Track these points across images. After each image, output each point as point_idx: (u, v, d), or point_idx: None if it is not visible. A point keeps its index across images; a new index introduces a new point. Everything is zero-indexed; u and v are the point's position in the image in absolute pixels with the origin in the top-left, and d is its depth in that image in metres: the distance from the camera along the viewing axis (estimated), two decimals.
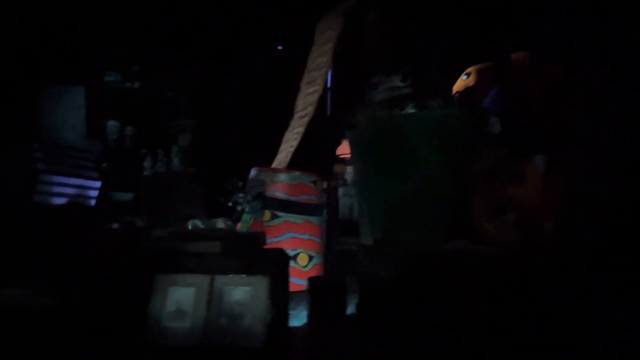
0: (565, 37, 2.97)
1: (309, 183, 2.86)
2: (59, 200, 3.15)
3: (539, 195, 1.94)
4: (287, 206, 2.73)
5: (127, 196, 4.09)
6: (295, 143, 3.99)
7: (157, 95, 4.19)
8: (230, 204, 2.84)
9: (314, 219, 2.81)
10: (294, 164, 3.91)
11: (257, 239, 1.95)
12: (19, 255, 2.73)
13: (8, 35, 3.82)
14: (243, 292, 1.77)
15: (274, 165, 4.14)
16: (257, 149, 4.87)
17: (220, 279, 1.80)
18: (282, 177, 2.82)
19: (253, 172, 3.01)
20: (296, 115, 4.34)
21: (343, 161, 3.96)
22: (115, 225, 3.52)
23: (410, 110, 2.13)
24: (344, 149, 3.98)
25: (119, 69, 4.18)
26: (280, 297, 1.84)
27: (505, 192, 1.94)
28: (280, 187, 2.80)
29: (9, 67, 3.80)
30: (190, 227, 3.37)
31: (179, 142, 4.07)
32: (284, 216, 2.73)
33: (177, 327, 1.68)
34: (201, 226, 3.45)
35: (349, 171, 3.56)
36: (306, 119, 4.09)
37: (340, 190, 3.24)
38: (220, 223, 3.58)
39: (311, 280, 1.93)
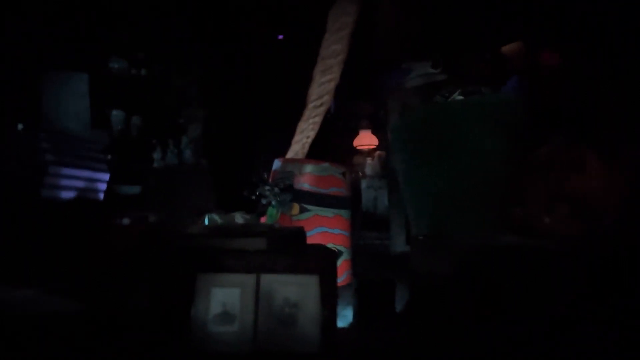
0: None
1: (338, 175, 2.72)
2: (68, 194, 2.96)
3: (600, 186, 1.84)
4: (318, 199, 2.59)
5: (133, 189, 3.90)
6: (312, 134, 3.83)
7: (164, 83, 3.98)
8: (254, 196, 2.69)
9: (344, 213, 2.68)
10: (308, 156, 3.77)
11: (301, 234, 1.82)
12: (27, 254, 2.55)
13: (10, 17, 3.58)
14: (293, 292, 1.63)
15: (288, 156, 4.00)
16: (269, 139, 4.72)
17: (267, 278, 1.65)
18: (311, 168, 2.67)
19: (278, 163, 2.86)
20: (310, 105, 4.18)
21: (361, 153, 3.84)
22: (125, 221, 3.36)
23: (458, 97, 2.00)
24: (361, 141, 3.86)
25: (124, 55, 3.96)
26: (331, 297, 1.71)
27: (564, 182, 1.84)
28: (309, 179, 2.65)
29: (10, 50, 3.57)
30: (207, 222, 3.22)
31: (189, 133, 3.88)
32: (314, 210, 2.59)
33: (224, 332, 1.54)
34: (219, 220, 3.30)
35: (369, 163, 3.43)
36: (323, 109, 3.93)
37: (363, 183, 3.11)
38: (239, 217, 3.42)
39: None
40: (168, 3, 3.99)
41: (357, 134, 4.14)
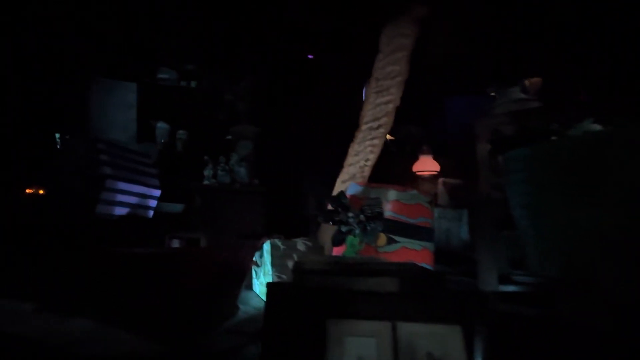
0: None
1: (425, 203, 2.51)
2: (121, 211, 2.72)
3: None
4: (406, 229, 2.37)
5: (177, 207, 3.66)
6: (371, 157, 3.64)
7: (214, 97, 3.80)
8: (331, 223, 2.46)
9: (430, 246, 2.45)
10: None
11: (440, 275, 1.58)
12: (82, 277, 2.30)
13: (60, 23, 3.43)
14: (435, 345, 1.39)
15: (341, 179, 3.80)
16: (318, 160, 4.53)
17: (404, 328, 1.41)
18: (398, 195, 2.45)
19: (356, 187, 2.64)
20: (365, 127, 4.01)
21: (422, 179, 3.63)
22: (175, 242, 3.10)
23: (590, 125, 1.82)
24: (423, 166, 3.66)
25: (174, 65, 3.80)
26: (485, 351, 1.46)
27: None
28: (395, 206, 2.44)
29: (59, 56, 3.40)
30: (270, 247, 2.98)
31: (238, 150, 3.67)
32: (402, 241, 2.36)
33: None
34: (282, 246, 3.07)
35: (441, 191, 3.22)
36: (381, 131, 3.75)
37: (435, 212, 2.88)
38: (300, 244, 3.20)
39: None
40: (222, 15, 3.86)
41: (410, 158, 3.95)
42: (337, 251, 2.62)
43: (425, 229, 2.46)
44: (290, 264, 2.97)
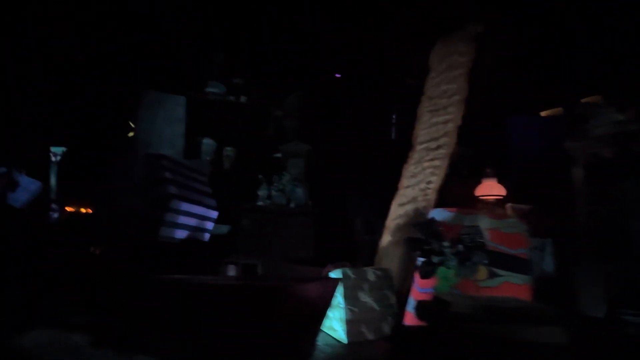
0: None
1: (524, 232, 2.31)
2: (181, 234, 2.52)
3: None
4: (508, 262, 2.16)
5: (223, 229, 3.46)
6: (434, 179, 3.43)
7: (263, 113, 3.65)
8: (420, 253, 2.25)
9: (530, 280, 2.24)
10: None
11: (615, 318, 1.37)
12: (156, 312, 2.08)
13: (108, 34, 3.31)
14: None
15: (398, 202, 3.60)
16: (363, 180, 4.35)
17: None
18: (497, 223, 2.26)
19: (443, 213, 2.43)
20: (420, 147, 3.83)
21: (486, 204, 3.42)
22: (231, 269, 2.89)
23: None
24: (488, 190, 3.46)
25: (223, 79, 3.65)
26: None
27: None
28: (495, 236, 2.23)
29: (108, 67, 3.27)
30: (340, 275, 2.76)
31: (290, 169, 3.50)
32: (505, 275, 2.15)
33: None
34: (352, 275, 2.85)
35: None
36: (443, 151, 3.55)
37: None
38: (370, 273, 2.98)
39: None
40: (270, 30, 3.75)
41: (470, 180, 3.76)
42: (424, 284, 2.40)
43: (525, 261, 2.26)
44: (362, 295, 2.76)
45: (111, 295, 2.30)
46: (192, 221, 2.58)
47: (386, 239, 3.68)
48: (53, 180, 3.65)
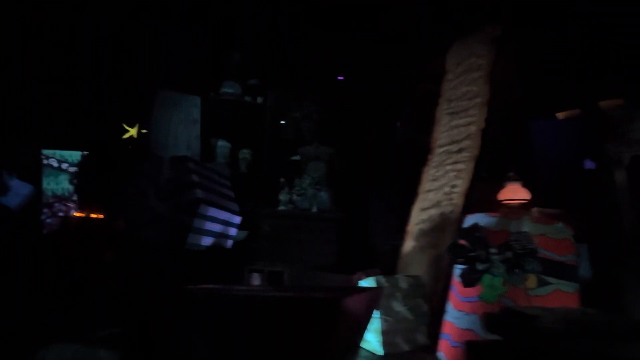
0: None
1: (571, 238, 2.24)
2: (207, 241, 2.39)
3: None
4: (558, 269, 2.08)
5: (240, 235, 3.33)
6: (459, 182, 3.34)
7: (281, 114, 3.53)
8: (462, 260, 2.16)
9: (578, 287, 2.16)
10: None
11: None
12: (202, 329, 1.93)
13: (122, 33, 3.17)
14: None
15: (420, 206, 3.51)
16: (381, 184, 4.25)
17: None
18: (544, 228, 2.18)
19: (488, 218, 2.32)
20: (440, 150, 3.75)
21: (509, 208, 3.35)
22: (256, 277, 2.77)
23: None
24: (512, 194, 3.38)
25: (238, 79, 3.53)
26: None
27: None
28: (543, 242, 2.15)
29: (122, 66, 3.12)
30: (374, 284, 2.65)
31: (310, 172, 3.38)
32: (555, 283, 2.07)
33: None
34: (385, 283, 2.74)
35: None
36: (466, 154, 3.48)
37: None
38: (402, 280, 2.88)
39: None
40: (288, 28, 3.64)
41: (491, 184, 3.70)
42: (466, 292, 2.31)
43: (574, 267, 2.18)
44: (395, 304, 2.65)
45: (137, 308, 2.16)
46: (217, 227, 2.45)
47: (409, 244, 3.59)
48: (65, 185, 3.51)
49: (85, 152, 2.87)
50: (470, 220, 2.46)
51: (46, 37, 3.45)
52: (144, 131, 4.26)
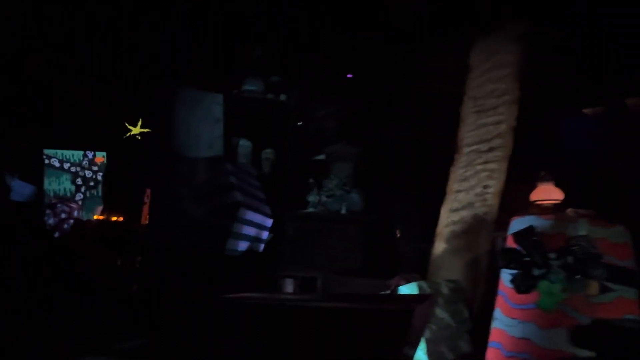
0: None
1: (630, 242, 2.15)
2: (242, 246, 2.27)
3: None
4: (621, 274, 1.99)
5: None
6: (492, 182, 3.24)
7: (306, 112, 3.42)
8: (513, 265, 2.06)
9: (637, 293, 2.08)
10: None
11: None
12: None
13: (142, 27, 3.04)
14: None
15: (449, 207, 3.42)
16: (404, 184, 4.16)
17: None
18: (605, 232, 2.09)
19: (541, 221, 2.20)
20: (468, 149, 3.65)
21: (539, 208, 3.27)
22: (289, 283, 2.66)
23: None
24: (546, 194, 3.31)
25: (261, 76, 3.41)
26: None
27: None
28: (604, 246, 2.07)
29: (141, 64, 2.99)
30: (416, 290, 2.55)
31: (337, 172, 3.27)
32: (619, 290, 1.98)
33: None
34: (427, 289, 2.64)
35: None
36: (498, 154, 3.38)
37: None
38: (444, 286, 2.78)
39: None
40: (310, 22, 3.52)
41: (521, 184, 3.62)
42: (520, 299, 2.21)
43: (635, 273, 2.09)
44: (438, 311, 2.55)
45: (170, 319, 2.04)
46: (252, 231, 2.34)
47: (440, 246, 3.49)
48: (67, 185, 3.36)
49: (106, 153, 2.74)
50: (518, 223, 2.36)
51: (48, 35, 3.33)
52: (146, 130, 4.15)
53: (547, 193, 3.65)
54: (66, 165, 6.35)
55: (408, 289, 2.53)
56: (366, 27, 4.07)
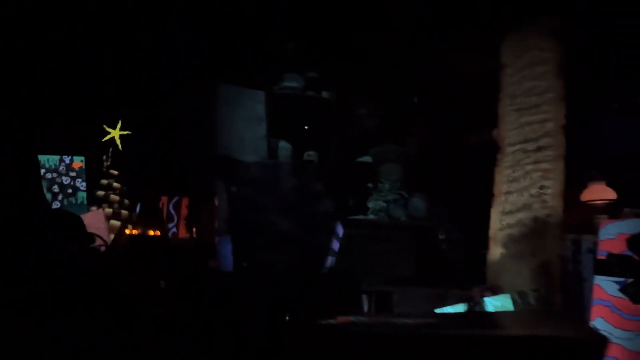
0: None
1: None
2: (329, 262, 2.00)
3: None
4: None
5: None
6: (549, 183, 3.13)
7: (348, 111, 3.17)
8: (630, 274, 1.91)
9: None
10: None
11: None
12: None
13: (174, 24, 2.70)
14: None
15: (500, 210, 3.28)
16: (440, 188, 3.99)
17: None
18: None
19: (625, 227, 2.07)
20: (512, 149, 3.54)
21: (592, 208, 3.19)
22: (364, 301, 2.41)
23: None
24: (599, 194, 3.23)
25: (301, 71, 3.13)
26: None
27: None
28: None
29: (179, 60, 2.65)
30: (509, 303, 2.35)
31: (386, 175, 3.04)
32: None
33: None
34: (519, 300, 2.45)
35: None
36: (549, 154, 3.28)
37: None
38: (531, 296, 2.60)
39: None
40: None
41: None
42: (634, 310, 2.06)
43: None
44: None
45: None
46: (336, 245, 2.08)
47: (497, 251, 3.34)
48: None
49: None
50: (612, 227, 2.25)
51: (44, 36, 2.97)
52: (126, 132, 3.77)
53: (600, 193, 3.61)
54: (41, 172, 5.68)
55: (500, 300, 2.35)
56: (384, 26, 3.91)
